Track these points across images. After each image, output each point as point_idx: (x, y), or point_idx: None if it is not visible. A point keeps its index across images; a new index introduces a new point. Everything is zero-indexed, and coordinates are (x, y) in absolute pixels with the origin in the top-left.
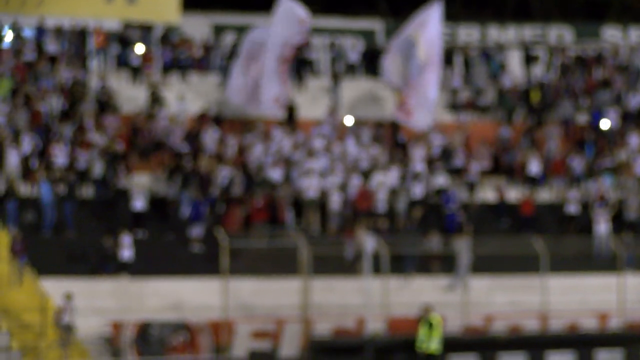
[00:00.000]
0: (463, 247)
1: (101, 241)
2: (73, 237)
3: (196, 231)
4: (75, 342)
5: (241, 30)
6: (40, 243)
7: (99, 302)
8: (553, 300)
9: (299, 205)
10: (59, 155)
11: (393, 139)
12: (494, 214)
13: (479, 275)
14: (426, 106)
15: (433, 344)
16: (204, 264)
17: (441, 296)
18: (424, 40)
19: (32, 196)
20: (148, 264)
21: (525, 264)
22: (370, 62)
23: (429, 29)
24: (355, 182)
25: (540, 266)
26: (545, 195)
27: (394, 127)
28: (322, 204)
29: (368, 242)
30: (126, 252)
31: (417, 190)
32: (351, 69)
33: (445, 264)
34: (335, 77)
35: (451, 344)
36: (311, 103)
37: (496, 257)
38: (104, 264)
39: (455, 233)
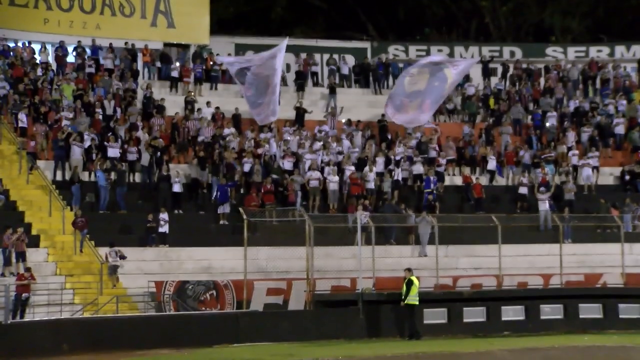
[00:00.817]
0: (423, 223)
1: (146, 217)
2: (124, 214)
3: (223, 209)
4: (125, 294)
5: (259, 48)
6: (97, 219)
7: (145, 266)
8: (506, 263)
9: (305, 189)
10: (113, 149)
11: (380, 136)
12: (461, 195)
13: (448, 243)
14: (417, 121)
15: (412, 299)
16: (229, 236)
17: (418, 260)
18: (453, 79)
19: (91, 181)
20: (185, 236)
21: (485, 235)
22: (360, 75)
23: (457, 72)
24: (349, 169)
25: (497, 237)
26: (502, 180)
27: (381, 126)
28: (323, 188)
29: (360, 217)
30: (163, 226)
31: (399, 176)
32: (346, 79)
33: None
34: (332, 87)
35: (426, 298)
36: (314, 107)
37: (462, 229)
38: (148, 236)
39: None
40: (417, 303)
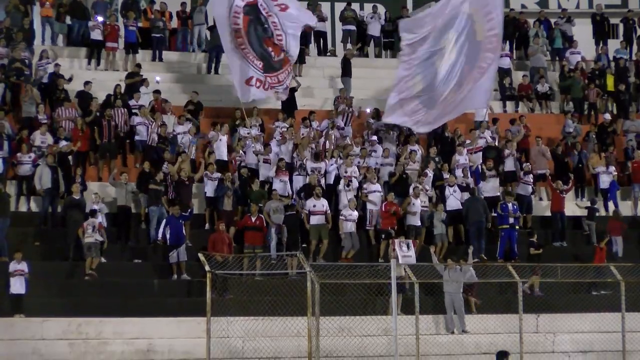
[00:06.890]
0: (455, 274)
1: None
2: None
3: (176, 257)
4: None
5: None
6: None
7: (46, 349)
8: (636, 344)
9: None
10: None
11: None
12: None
13: (538, 311)
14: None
15: None
16: (182, 300)
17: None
18: (485, 24)
19: None
20: (110, 298)
21: (599, 298)
22: (394, 37)
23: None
24: (376, 192)
25: (619, 300)
26: (625, 207)
27: None
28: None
29: (395, 268)
30: (17, 282)
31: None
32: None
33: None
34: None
35: None
36: (319, 90)
37: (560, 287)
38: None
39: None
40: None
